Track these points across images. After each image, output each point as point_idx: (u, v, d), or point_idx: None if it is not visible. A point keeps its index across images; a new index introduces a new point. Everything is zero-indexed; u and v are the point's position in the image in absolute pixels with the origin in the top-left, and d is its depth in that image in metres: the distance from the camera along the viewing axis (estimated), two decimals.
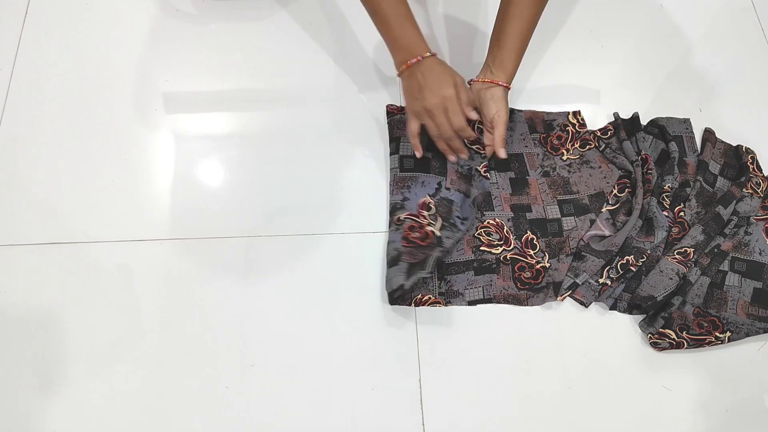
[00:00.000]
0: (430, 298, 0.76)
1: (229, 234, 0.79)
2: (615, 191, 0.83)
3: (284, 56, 0.91)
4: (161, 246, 0.78)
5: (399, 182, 0.81)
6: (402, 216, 0.77)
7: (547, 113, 0.88)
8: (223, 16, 0.94)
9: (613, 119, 0.87)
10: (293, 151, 0.85)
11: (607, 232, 0.80)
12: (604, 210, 0.82)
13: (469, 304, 0.76)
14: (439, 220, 0.78)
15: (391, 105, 0.87)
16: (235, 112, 0.87)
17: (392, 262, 0.74)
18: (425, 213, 0.78)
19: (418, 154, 0.79)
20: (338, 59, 0.92)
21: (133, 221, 0.79)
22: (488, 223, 0.80)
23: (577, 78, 0.92)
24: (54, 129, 0.85)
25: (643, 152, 0.83)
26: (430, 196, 0.79)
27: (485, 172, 0.82)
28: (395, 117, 0.85)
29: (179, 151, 0.84)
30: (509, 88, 0.78)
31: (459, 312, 0.76)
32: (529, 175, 0.84)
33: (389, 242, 0.77)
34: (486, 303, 0.76)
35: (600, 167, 0.85)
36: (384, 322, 0.75)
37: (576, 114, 0.88)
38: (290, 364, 0.73)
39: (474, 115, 0.74)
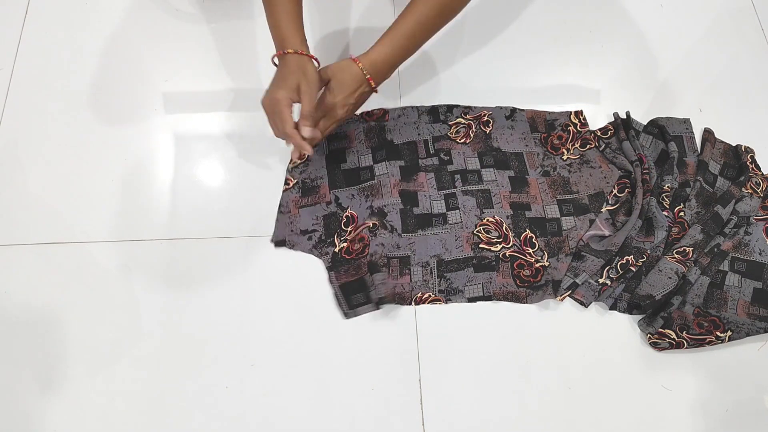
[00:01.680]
0: (430, 296, 0.76)
1: (229, 234, 0.79)
2: (615, 191, 0.83)
3: None
4: (161, 246, 0.78)
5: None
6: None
7: (549, 113, 0.88)
8: (223, 16, 0.94)
9: (613, 119, 0.88)
10: None
11: (606, 232, 0.80)
12: (603, 210, 0.82)
13: (468, 301, 0.76)
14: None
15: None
16: (235, 112, 0.87)
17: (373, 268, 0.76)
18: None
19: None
20: (337, 59, 0.91)
21: (133, 221, 0.79)
22: (487, 220, 0.80)
23: (577, 78, 0.92)
24: (54, 129, 0.85)
25: (637, 152, 0.83)
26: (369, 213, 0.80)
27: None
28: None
29: (179, 151, 0.84)
30: (355, 61, 0.71)
31: (459, 312, 0.76)
32: (528, 175, 0.84)
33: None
34: (486, 300, 0.76)
35: (600, 167, 0.85)
36: (384, 322, 0.75)
37: (578, 114, 0.88)
38: (290, 364, 0.73)
39: (306, 132, 0.68)
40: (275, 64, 0.72)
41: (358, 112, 0.87)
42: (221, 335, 0.74)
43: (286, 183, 0.82)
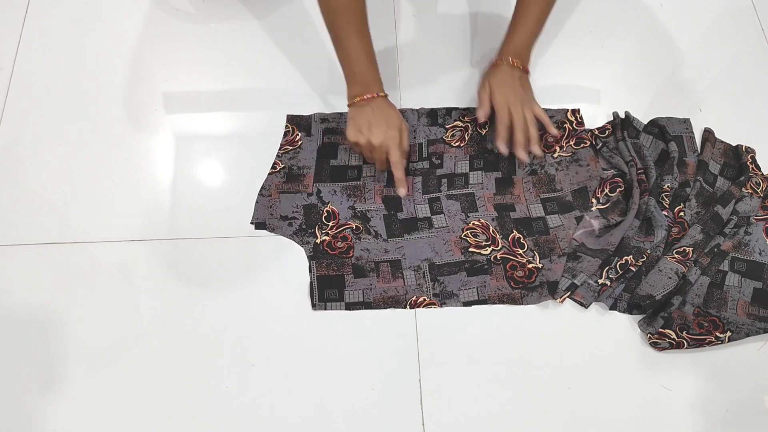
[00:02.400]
0: (425, 299, 0.76)
1: (229, 234, 0.79)
2: (607, 191, 0.82)
3: (284, 56, 0.91)
4: (161, 246, 0.78)
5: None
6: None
7: (546, 110, 0.88)
8: (223, 16, 0.94)
9: (612, 119, 0.88)
10: None
11: (595, 226, 0.80)
12: (594, 209, 0.81)
13: (464, 305, 0.76)
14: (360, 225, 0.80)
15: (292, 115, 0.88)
16: (235, 112, 0.87)
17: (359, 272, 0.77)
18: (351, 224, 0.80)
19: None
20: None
21: (133, 221, 0.79)
22: (473, 224, 0.80)
23: (577, 78, 0.92)
24: (54, 129, 0.85)
25: (630, 154, 0.83)
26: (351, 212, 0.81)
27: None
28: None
29: (179, 151, 0.84)
30: (502, 63, 0.81)
31: (459, 312, 0.76)
32: (515, 174, 0.84)
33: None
34: (481, 304, 0.76)
35: (588, 165, 0.84)
36: (384, 322, 0.75)
37: (575, 112, 0.88)
38: (290, 364, 0.73)
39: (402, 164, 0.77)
40: (354, 103, 0.76)
41: None
42: (221, 335, 0.74)
43: (273, 167, 0.83)
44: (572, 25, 0.96)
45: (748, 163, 0.84)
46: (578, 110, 0.88)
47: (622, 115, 0.88)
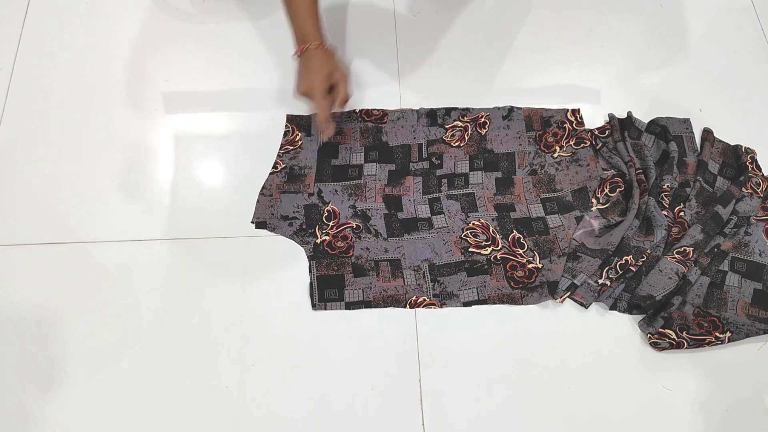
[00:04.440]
0: (424, 300, 0.76)
1: (229, 234, 0.79)
2: (607, 191, 0.83)
3: (284, 56, 0.91)
4: (161, 246, 0.78)
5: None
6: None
7: (546, 110, 0.88)
8: (223, 16, 0.94)
9: (609, 120, 0.88)
10: None
11: (596, 226, 0.80)
12: (594, 209, 0.81)
13: (464, 305, 0.76)
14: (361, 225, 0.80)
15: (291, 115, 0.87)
16: (235, 112, 0.87)
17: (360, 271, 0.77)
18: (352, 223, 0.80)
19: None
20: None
21: (133, 221, 0.79)
22: (473, 224, 0.80)
23: (576, 78, 0.92)
24: (54, 129, 0.85)
25: (629, 154, 0.83)
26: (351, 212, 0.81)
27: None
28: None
29: (179, 151, 0.84)
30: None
31: (459, 312, 0.76)
32: (515, 174, 0.84)
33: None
34: (481, 304, 0.76)
35: (588, 165, 0.85)
36: (384, 322, 0.75)
37: (575, 112, 0.88)
38: (290, 364, 0.73)
39: (336, 107, 0.76)
40: (295, 55, 0.75)
41: (358, 110, 0.87)
42: (221, 335, 0.74)
43: (274, 167, 0.83)
44: (572, 25, 0.97)
45: (747, 163, 0.84)
46: (578, 110, 0.88)
47: (619, 117, 0.88)
